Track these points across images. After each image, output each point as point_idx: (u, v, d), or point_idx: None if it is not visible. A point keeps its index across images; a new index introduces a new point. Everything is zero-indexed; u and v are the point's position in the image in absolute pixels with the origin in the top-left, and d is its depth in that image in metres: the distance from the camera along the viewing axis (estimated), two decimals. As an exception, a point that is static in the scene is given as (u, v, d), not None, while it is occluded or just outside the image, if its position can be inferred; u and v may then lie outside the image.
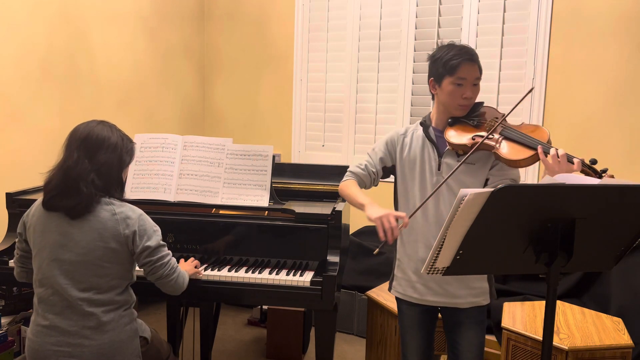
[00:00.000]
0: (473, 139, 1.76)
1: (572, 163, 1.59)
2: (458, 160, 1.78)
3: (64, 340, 1.70)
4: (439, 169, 1.82)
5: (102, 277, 1.73)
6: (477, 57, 1.80)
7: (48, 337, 1.71)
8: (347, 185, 1.90)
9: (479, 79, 1.80)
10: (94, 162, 1.74)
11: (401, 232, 1.89)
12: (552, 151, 1.60)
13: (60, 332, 1.71)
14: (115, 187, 1.79)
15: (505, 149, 1.71)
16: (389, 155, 1.92)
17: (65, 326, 1.70)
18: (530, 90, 1.78)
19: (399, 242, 1.92)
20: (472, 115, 1.83)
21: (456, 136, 1.79)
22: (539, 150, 1.64)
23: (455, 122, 1.83)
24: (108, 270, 1.74)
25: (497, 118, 1.80)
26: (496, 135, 1.75)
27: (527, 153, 1.68)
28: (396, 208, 1.95)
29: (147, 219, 1.80)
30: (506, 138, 1.74)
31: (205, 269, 2.12)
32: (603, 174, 1.60)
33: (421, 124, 1.89)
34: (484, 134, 1.76)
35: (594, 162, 1.62)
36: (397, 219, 1.64)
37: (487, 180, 1.82)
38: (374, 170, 1.92)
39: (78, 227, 1.72)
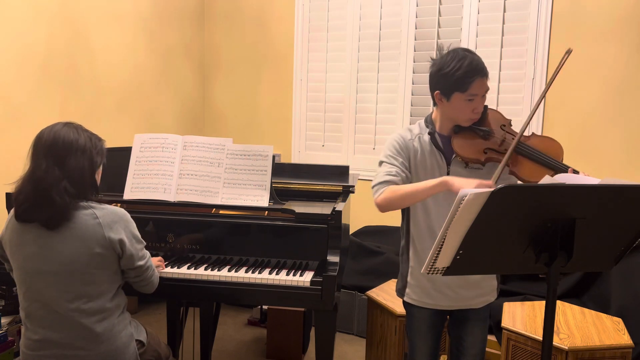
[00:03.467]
0: (485, 152, 1.71)
1: None
2: (465, 168, 1.75)
3: (59, 352, 1.66)
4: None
5: (90, 284, 1.68)
6: (486, 69, 1.73)
7: (42, 350, 1.67)
8: (394, 189, 1.70)
9: (488, 89, 1.75)
10: (64, 169, 1.65)
11: (414, 240, 1.85)
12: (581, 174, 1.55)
13: (54, 345, 1.67)
14: (90, 190, 1.72)
15: (521, 167, 1.68)
16: (407, 159, 1.80)
17: (57, 339, 1.66)
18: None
19: (412, 249, 1.87)
20: (478, 122, 1.77)
21: (465, 148, 1.73)
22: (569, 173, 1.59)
23: (460, 129, 1.77)
24: (95, 276, 1.69)
25: (504, 125, 1.77)
26: (510, 150, 1.69)
27: (543, 173, 1.64)
28: (406, 213, 1.89)
29: (131, 220, 1.76)
30: (520, 154, 1.70)
31: (205, 269, 2.12)
32: None
33: (429, 133, 1.81)
34: (494, 146, 1.71)
35: None
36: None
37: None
38: (404, 175, 1.76)
39: (57, 236, 1.65)
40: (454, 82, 1.70)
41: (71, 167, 1.66)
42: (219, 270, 2.12)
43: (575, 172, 1.61)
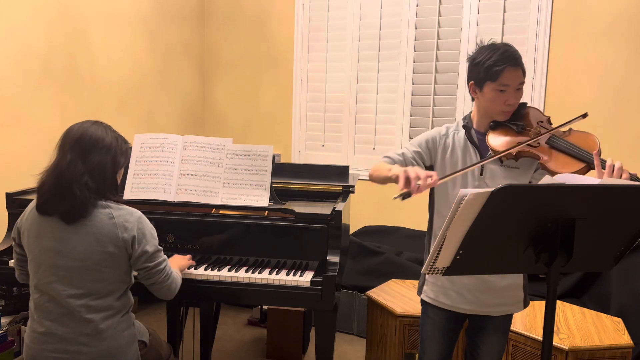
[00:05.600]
0: (517, 145, 1.68)
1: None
2: (501, 166, 1.73)
3: (62, 347, 1.68)
4: (481, 174, 1.73)
5: (101, 282, 1.70)
6: (521, 59, 1.69)
7: (45, 344, 1.68)
8: (379, 163, 1.74)
9: (522, 83, 1.71)
10: (87, 163, 1.70)
11: (436, 236, 1.79)
12: (609, 162, 1.51)
13: (58, 339, 1.68)
14: (110, 190, 1.75)
15: (553, 160, 1.64)
16: (428, 153, 1.80)
17: (61, 333, 1.68)
18: (584, 116, 1.67)
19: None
20: (515, 118, 1.75)
21: (499, 143, 1.71)
22: (596, 164, 1.55)
23: (497, 125, 1.75)
24: (106, 274, 1.71)
25: (541, 122, 1.74)
26: (543, 144, 1.67)
27: (576, 166, 1.61)
28: (431, 212, 1.88)
29: (146, 223, 1.77)
30: (553, 148, 1.66)
31: (205, 269, 2.12)
32: None
33: (464, 126, 1.80)
34: (527, 140, 1.67)
35: None
36: (425, 176, 1.50)
37: (530, 183, 1.75)
38: (412, 163, 1.77)
39: (74, 232, 1.68)
40: (484, 70, 1.69)
41: (94, 163, 1.71)
42: (219, 270, 2.12)
43: (603, 161, 1.55)
